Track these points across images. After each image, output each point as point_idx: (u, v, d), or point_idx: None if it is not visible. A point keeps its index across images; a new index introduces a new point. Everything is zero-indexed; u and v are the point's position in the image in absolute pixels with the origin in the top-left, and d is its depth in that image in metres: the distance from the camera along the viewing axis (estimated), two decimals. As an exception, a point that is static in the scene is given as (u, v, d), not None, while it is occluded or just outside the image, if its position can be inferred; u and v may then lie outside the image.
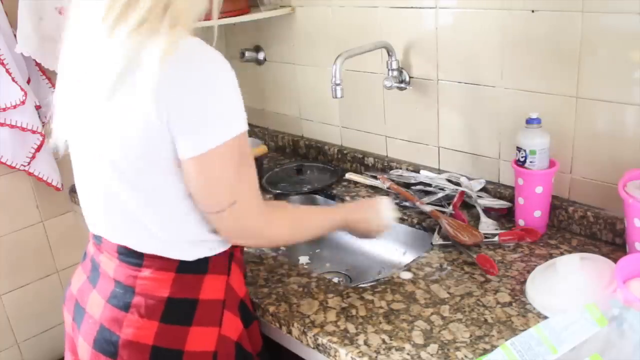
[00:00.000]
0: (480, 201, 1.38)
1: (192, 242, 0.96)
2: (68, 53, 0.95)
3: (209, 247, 0.97)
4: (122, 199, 0.92)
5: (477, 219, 1.36)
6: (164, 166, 0.88)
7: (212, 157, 0.85)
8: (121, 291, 0.96)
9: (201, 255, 0.96)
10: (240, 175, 0.90)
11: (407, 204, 1.47)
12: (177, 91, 0.82)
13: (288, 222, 1.04)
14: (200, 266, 0.97)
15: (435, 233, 1.31)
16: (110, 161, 0.90)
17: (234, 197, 0.90)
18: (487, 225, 1.33)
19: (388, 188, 1.52)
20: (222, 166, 0.87)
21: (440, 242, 1.28)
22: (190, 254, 0.95)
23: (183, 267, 0.95)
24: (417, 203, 1.40)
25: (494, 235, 1.27)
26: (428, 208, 1.37)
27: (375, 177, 1.62)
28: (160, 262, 0.95)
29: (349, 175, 1.68)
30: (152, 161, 0.88)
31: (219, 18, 1.66)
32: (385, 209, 1.17)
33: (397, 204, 1.48)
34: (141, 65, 0.82)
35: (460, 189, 1.44)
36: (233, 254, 1.02)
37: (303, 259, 1.55)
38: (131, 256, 0.96)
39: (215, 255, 0.98)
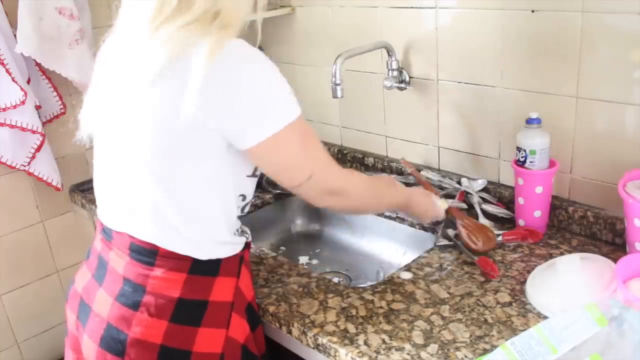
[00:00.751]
0: (483, 206, 1.37)
1: (213, 242, 0.97)
2: (108, 52, 0.97)
3: (226, 248, 0.99)
4: (150, 194, 0.93)
5: (475, 219, 1.35)
6: (201, 163, 0.91)
7: (275, 142, 0.90)
8: (130, 289, 0.96)
9: (215, 256, 0.97)
10: (308, 152, 0.96)
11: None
12: (225, 89, 0.85)
13: (367, 184, 1.10)
14: (212, 268, 0.97)
15: (439, 233, 1.31)
16: (141, 155, 0.91)
17: (310, 171, 0.96)
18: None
19: (409, 174, 1.52)
20: (287, 148, 0.93)
21: (445, 242, 1.28)
22: (206, 254, 0.96)
23: (195, 268, 0.96)
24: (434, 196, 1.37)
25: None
26: (445, 204, 1.31)
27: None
28: (173, 262, 0.95)
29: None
30: (187, 157, 0.90)
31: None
32: (438, 199, 1.28)
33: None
34: (185, 61, 0.84)
35: (461, 188, 1.44)
36: (243, 257, 1.03)
37: (303, 259, 1.55)
38: (144, 254, 0.96)
39: (227, 258, 0.99)
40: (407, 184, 1.54)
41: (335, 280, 1.41)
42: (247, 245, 1.06)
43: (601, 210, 1.25)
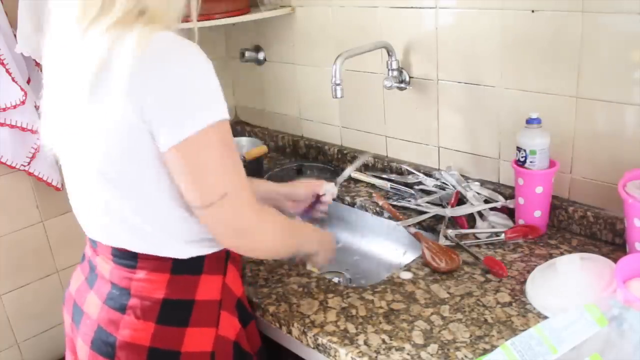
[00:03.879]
0: (487, 216, 1.37)
1: (186, 240, 0.95)
2: (47, 57, 0.94)
3: (204, 245, 0.96)
4: (111, 201, 0.91)
5: (473, 222, 1.36)
6: (148, 164, 0.87)
7: (193, 144, 0.82)
8: (117, 293, 0.96)
9: (195, 254, 0.95)
10: (227, 166, 0.87)
11: (407, 204, 1.47)
12: (150, 83, 0.80)
13: (279, 226, 0.99)
14: (195, 266, 0.96)
15: (440, 234, 1.31)
16: (95, 165, 0.89)
17: (224, 188, 0.86)
18: (483, 226, 1.33)
19: (380, 206, 1.51)
20: (206, 154, 0.84)
21: (448, 243, 1.28)
22: (184, 252, 0.95)
23: (177, 268, 0.95)
24: (399, 223, 1.39)
25: (491, 234, 1.28)
26: (412, 230, 1.36)
27: (378, 177, 1.62)
28: (154, 263, 0.94)
29: (353, 174, 1.68)
30: (135, 160, 0.86)
31: (219, 17, 1.68)
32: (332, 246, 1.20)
33: (397, 200, 1.48)
34: (114, 62, 0.81)
35: (457, 189, 1.44)
36: (229, 253, 1.01)
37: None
38: (125, 258, 0.96)
39: (210, 255, 0.97)
40: (407, 185, 1.55)
41: (335, 280, 1.41)
42: None
43: (601, 210, 1.25)
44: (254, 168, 1.73)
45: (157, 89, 0.81)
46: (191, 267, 0.96)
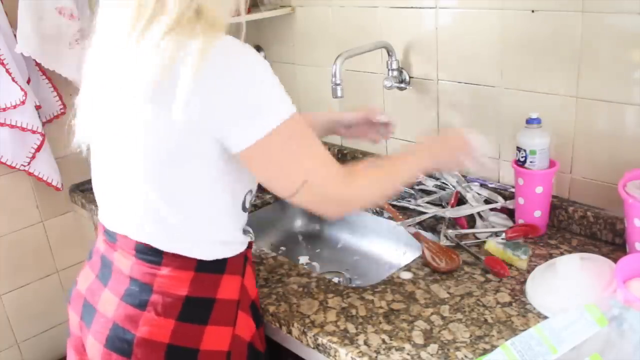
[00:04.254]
0: (487, 216, 1.37)
1: (218, 242, 0.97)
2: (94, 58, 0.95)
3: (230, 248, 0.99)
4: (151, 199, 0.92)
5: (473, 222, 1.36)
6: (195, 169, 0.89)
7: (266, 144, 0.86)
8: (137, 289, 0.96)
9: (221, 256, 0.97)
10: (303, 154, 0.91)
11: (407, 204, 1.47)
12: (217, 89, 0.83)
13: (373, 180, 1.01)
14: (219, 266, 0.98)
15: (440, 234, 1.31)
16: (142, 163, 0.90)
17: (303, 176, 0.90)
18: (483, 226, 1.33)
19: (380, 206, 1.51)
20: (279, 150, 0.88)
21: (448, 243, 1.28)
22: (211, 254, 0.96)
23: (202, 267, 0.96)
24: (399, 223, 1.39)
25: (492, 234, 1.28)
26: (412, 230, 1.36)
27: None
28: (180, 261, 0.95)
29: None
30: (186, 163, 0.89)
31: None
32: (474, 140, 1.14)
33: (401, 199, 1.48)
34: (175, 69, 0.82)
35: (457, 189, 1.44)
36: (247, 256, 1.03)
37: (303, 259, 1.55)
38: (150, 254, 0.96)
39: (232, 256, 0.99)
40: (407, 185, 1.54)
41: (335, 280, 1.41)
42: (249, 245, 1.06)
43: (601, 210, 1.25)
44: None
45: (225, 94, 0.83)
46: (215, 266, 0.97)
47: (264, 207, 1.63)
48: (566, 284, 1.03)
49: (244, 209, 1.01)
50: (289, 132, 0.88)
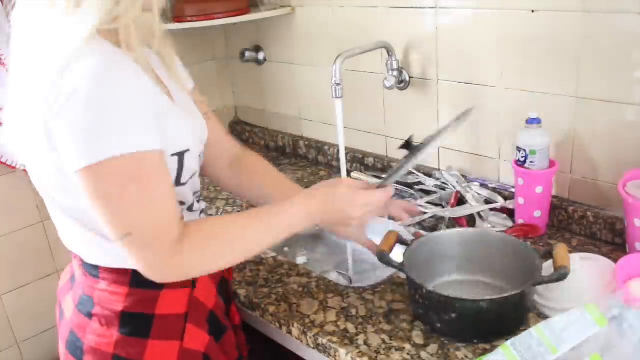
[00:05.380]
0: (487, 217, 1.37)
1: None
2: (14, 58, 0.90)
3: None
4: (64, 219, 0.92)
5: (473, 222, 1.36)
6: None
7: (99, 173, 0.76)
8: (85, 300, 0.96)
9: None
10: (136, 205, 0.79)
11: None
12: (63, 101, 0.75)
13: (214, 245, 0.87)
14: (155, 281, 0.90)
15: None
16: (46, 190, 0.90)
17: (128, 228, 0.79)
18: (483, 226, 1.33)
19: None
20: (111, 187, 0.77)
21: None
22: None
23: (136, 281, 0.91)
24: (400, 223, 1.39)
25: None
26: (412, 230, 1.36)
27: (378, 177, 1.62)
28: (115, 276, 0.93)
29: (353, 175, 1.69)
30: (67, 183, 0.83)
31: (218, 17, 1.67)
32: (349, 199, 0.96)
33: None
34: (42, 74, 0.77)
35: (457, 189, 1.44)
36: None
37: (300, 260, 1.54)
38: (89, 267, 0.95)
39: None
40: (407, 185, 1.54)
41: (333, 276, 1.40)
42: None
43: (601, 210, 1.25)
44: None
45: (63, 109, 0.75)
46: (150, 281, 0.85)
47: (264, 207, 1.62)
48: (566, 284, 1.03)
49: (179, 202, 0.89)
50: (131, 172, 0.77)
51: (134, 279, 0.91)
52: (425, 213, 1.41)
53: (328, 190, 0.97)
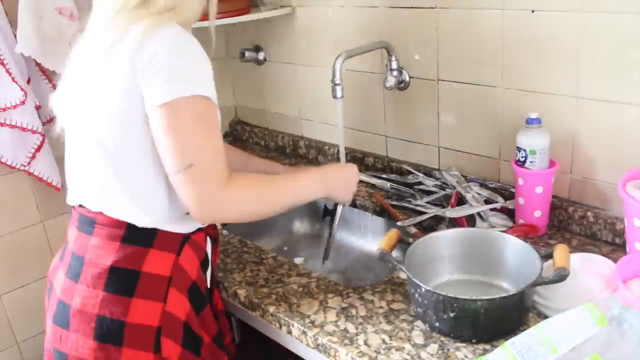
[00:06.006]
0: (487, 217, 1.37)
1: (147, 212, 0.99)
2: (81, 47, 1.03)
3: (160, 222, 1.00)
4: (91, 157, 0.99)
5: (474, 222, 1.36)
6: (135, 127, 0.94)
7: (176, 108, 0.90)
8: (74, 262, 1.01)
9: (149, 225, 0.99)
10: (202, 138, 0.92)
11: (407, 204, 1.47)
12: (151, 50, 0.90)
13: (253, 193, 0.99)
14: (145, 239, 0.99)
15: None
16: (95, 131, 0.97)
17: (191, 159, 0.90)
18: (483, 226, 1.33)
19: (380, 206, 1.51)
20: (181, 121, 0.90)
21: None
22: (140, 221, 0.99)
23: (128, 238, 0.98)
24: (399, 223, 1.40)
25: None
26: (412, 230, 1.37)
27: (378, 177, 1.62)
28: (108, 230, 0.99)
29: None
30: (126, 122, 0.94)
31: (218, 17, 1.68)
32: (353, 174, 1.21)
33: (398, 199, 1.48)
34: (129, 36, 0.92)
35: (457, 189, 1.44)
36: (189, 238, 1.04)
37: (298, 260, 1.54)
38: (86, 224, 1.01)
39: (163, 232, 1.00)
40: (407, 185, 1.55)
41: (333, 277, 1.40)
42: (201, 230, 1.06)
43: (601, 210, 1.25)
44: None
45: (157, 53, 0.90)
46: (141, 239, 0.99)
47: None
48: (566, 284, 1.03)
49: None
50: (198, 111, 0.92)
51: (126, 234, 0.98)
52: (425, 213, 1.41)
53: (337, 168, 1.22)
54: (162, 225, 1.00)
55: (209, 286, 1.10)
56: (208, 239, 1.10)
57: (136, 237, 0.99)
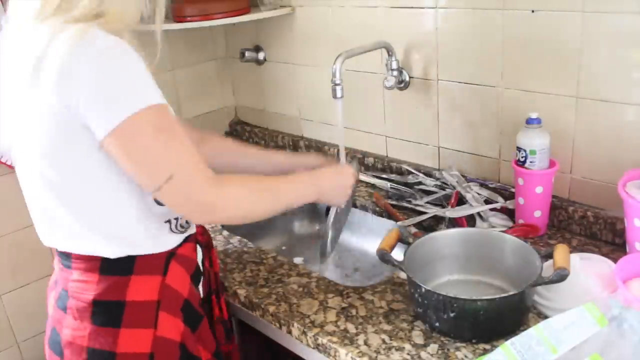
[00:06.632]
0: (487, 217, 1.37)
1: (114, 238, 0.94)
2: (1, 54, 0.94)
3: (133, 245, 0.95)
4: (44, 197, 0.93)
5: (474, 222, 1.36)
6: (81, 157, 0.87)
7: (126, 131, 0.83)
8: (62, 293, 0.99)
9: (123, 254, 0.94)
10: (171, 148, 0.87)
11: (407, 204, 1.47)
12: (79, 77, 0.81)
13: (246, 192, 0.97)
14: (124, 267, 0.95)
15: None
16: (33, 160, 0.91)
17: (168, 171, 0.86)
18: (483, 226, 1.33)
19: (380, 206, 1.51)
20: (141, 139, 0.84)
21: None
22: (112, 252, 0.94)
23: (106, 268, 0.94)
24: (399, 223, 1.40)
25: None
26: (412, 230, 1.37)
27: (378, 177, 1.62)
28: (85, 264, 0.95)
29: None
30: (68, 154, 0.87)
31: (219, 17, 1.68)
32: (347, 178, 1.16)
33: (398, 200, 1.48)
34: (49, 54, 0.82)
35: (457, 189, 1.44)
36: (175, 254, 1.00)
37: (297, 260, 1.54)
38: (64, 258, 0.98)
39: (143, 256, 0.96)
40: (407, 185, 1.54)
41: (333, 277, 1.40)
42: (186, 240, 1.02)
43: (601, 210, 1.25)
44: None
45: (85, 82, 0.82)
46: (120, 267, 0.94)
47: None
48: (566, 284, 1.03)
49: (155, 200, 0.94)
50: (155, 122, 0.85)
51: (103, 265, 0.94)
52: (425, 213, 1.41)
53: (331, 174, 1.15)
54: (137, 250, 0.95)
55: (202, 296, 1.07)
56: (198, 247, 1.07)
57: (114, 267, 0.94)
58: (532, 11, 1.24)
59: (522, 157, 1.24)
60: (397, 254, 1.20)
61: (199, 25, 1.65)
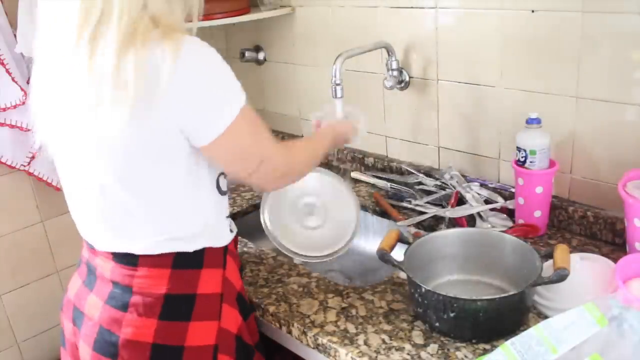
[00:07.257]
0: (487, 217, 1.37)
1: (196, 232, 0.97)
2: (42, 60, 0.93)
3: (212, 236, 0.99)
4: (114, 205, 0.93)
5: (473, 222, 1.36)
6: (166, 164, 0.91)
7: (230, 134, 0.90)
8: (119, 291, 0.96)
9: (199, 247, 0.97)
10: (259, 136, 0.97)
11: (407, 204, 1.47)
12: (190, 86, 0.86)
13: (304, 153, 1.13)
14: (196, 260, 0.98)
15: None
16: (111, 171, 0.90)
17: (259, 157, 0.97)
18: (483, 226, 1.33)
19: (380, 207, 1.52)
20: (240, 137, 0.93)
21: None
22: (189, 246, 0.96)
23: (178, 263, 0.96)
24: (399, 223, 1.40)
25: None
26: (412, 230, 1.37)
27: (378, 177, 1.62)
28: (155, 259, 0.95)
29: (353, 175, 1.69)
30: (157, 160, 0.90)
31: (218, 17, 1.68)
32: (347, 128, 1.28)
33: (398, 200, 1.48)
34: (152, 75, 0.82)
35: (457, 189, 1.44)
36: (227, 247, 1.03)
37: (297, 260, 1.54)
38: (125, 257, 0.96)
39: (210, 249, 0.99)
40: (407, 185, 1.55)
41: (334, 276, 1.40)
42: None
43: (601, 210, 1.25)
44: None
45: (196, 91, 0.87)
46: (192, 261, 0.97)
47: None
48: (566, 284, 1.03)
49: (220, 192, 1.01)
50: (248, 120, 0.94)
51: (176, 260, 0.96)
52: (425, 213, 1.41)
53: (342, 124, 1.30)
54: (209, 242, 0.99)
55: None
56: None
57: (187, 260, 0.97)
58: (532, 11, 1.24)
59: (522, 157, 1.24)
60: (397, 254, 1.21)
61: (199, 25, 1.64)
